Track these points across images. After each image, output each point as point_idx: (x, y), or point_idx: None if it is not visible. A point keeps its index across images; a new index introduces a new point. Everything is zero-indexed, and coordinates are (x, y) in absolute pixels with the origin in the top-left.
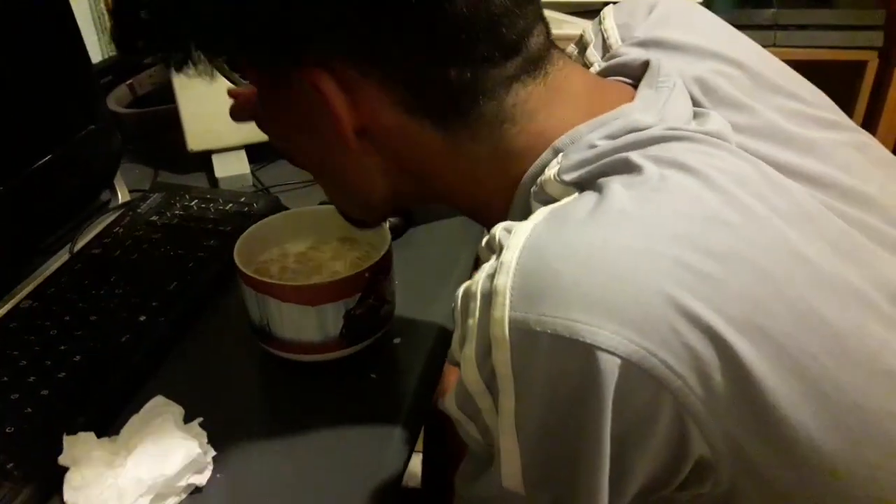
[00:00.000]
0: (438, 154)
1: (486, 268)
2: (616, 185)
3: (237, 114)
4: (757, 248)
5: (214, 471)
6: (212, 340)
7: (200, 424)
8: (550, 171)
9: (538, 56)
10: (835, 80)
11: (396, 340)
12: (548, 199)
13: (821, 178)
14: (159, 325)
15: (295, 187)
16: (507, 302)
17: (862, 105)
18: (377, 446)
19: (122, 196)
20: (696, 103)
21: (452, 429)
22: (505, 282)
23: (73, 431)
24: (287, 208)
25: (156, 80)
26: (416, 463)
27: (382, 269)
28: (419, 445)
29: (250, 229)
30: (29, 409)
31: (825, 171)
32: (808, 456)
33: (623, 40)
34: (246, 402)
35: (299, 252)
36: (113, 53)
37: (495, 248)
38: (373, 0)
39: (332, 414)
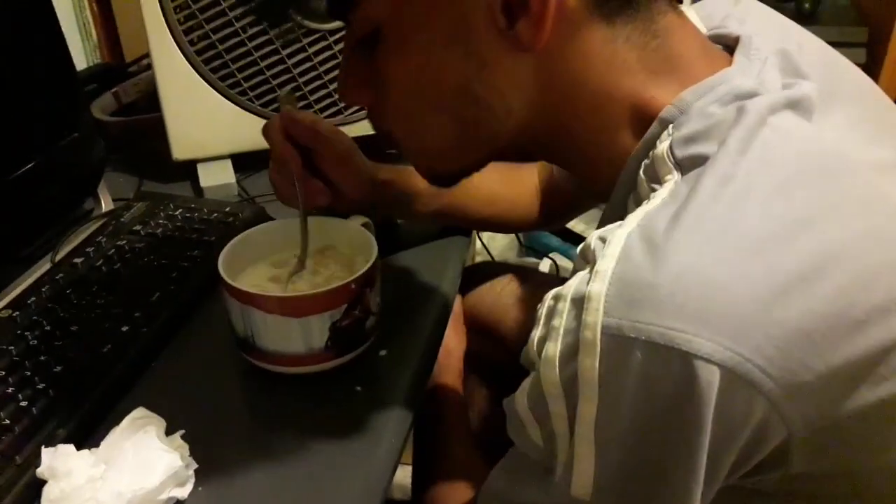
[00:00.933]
0: (592, 59)
1: (580, 275)
2: (702, 185)
3: (355, 91)
4: (843, 245)
5: (196, 484)
6: (195, 351)
7: (182, 437)
8: (663, 146)
9: None
10: None
11: (382, 353)
12: (654, 176)
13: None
14: (142, 336)
15: None
16: (602, 307)
17: None
18: (362, 459)
19: (106, 205)
20: (792, 68)
21: (438, 436)
22: (600, 288)
23: (52, 443)
24: (272, 218)
25: (141, 89)
26: (403, 475)
27: (369, 280)
28: (407, 458)
29: (234, 240)
30: (7, 420)
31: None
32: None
33: (709, 29)
34: (229, 415)
35: (284, 262)
36: (98, 61)
37: (590, 258)
38: None
39: (316, 426)
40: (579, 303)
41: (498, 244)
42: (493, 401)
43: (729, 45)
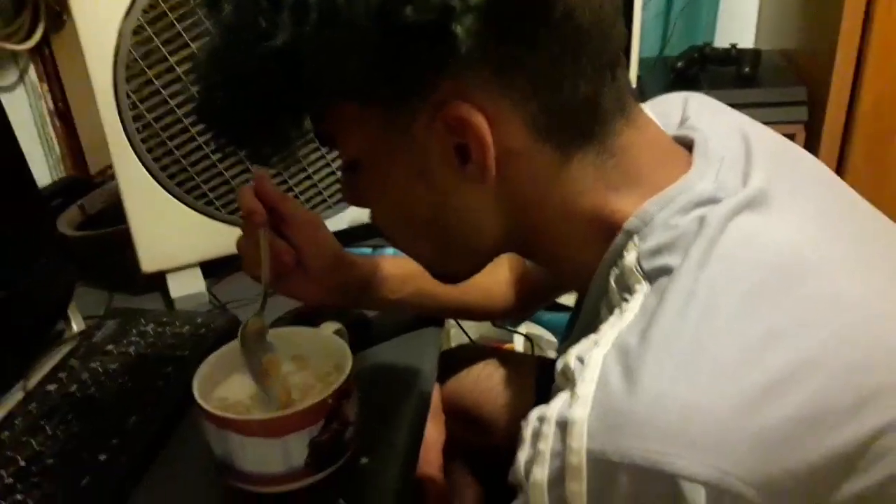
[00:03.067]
0: (548, 183)
1: (563, 397)
2: (670, 303)
3: (355, 201)
4: (811, 353)
5: None
6: (175, 475)
7: None
8: (630, 257)
9: (625, 89)
10: None
11: (364, 460)
12: (624, 285)
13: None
14: (120, 465)
15: (252, 301)
16: (585, 432)
17: None
18: None
19: (77, 325)
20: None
21: None
22: (583, 414)
23: None
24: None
25: (107, 199)
26: None
27: (345, 392)
28: None
29: (207, 360)
30: None
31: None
32: None
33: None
34: None
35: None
36: (63, 174)
37: (570, 378)
38: (510, 9)
39: None
40: (563, 426)
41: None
42: (480, 486)
43: (687, 144)
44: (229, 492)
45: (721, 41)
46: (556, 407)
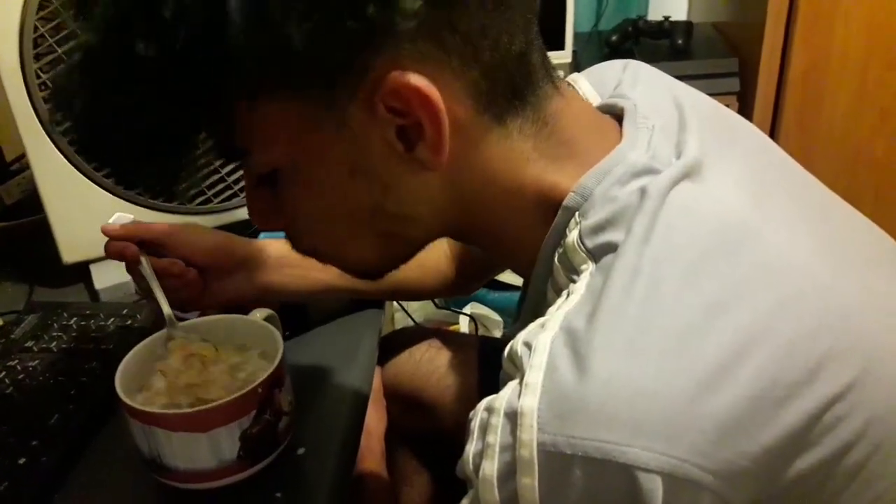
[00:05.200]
0: (491, 155)
1: (511, 386)
2: (613, 280)
3: (267, 219)
4: (756, 325)
5: None
6: (102, 475)
7: None
8: (573, 235)
9: (545, 54)
10: None
11: (300, 451)
12: (569, 265)
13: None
14: (41, 467)
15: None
16: (535, 423)
17: None
18: None
19: None
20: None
21: None
22: (532, 403)
23: None
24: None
25: (25, 188)
26: None
27: (277, 381)
28: None
29: (130, 354)
30: None
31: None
32: None
33: (601, 97)
34: None
35: (183, 367)
36: None
37: (518, 366)
38: None
39: None
40: (513, 417)
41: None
42: (429, 472)
43: (617, 114)
44: (160, 490)
45: (654, 14)
46: (504, 397)
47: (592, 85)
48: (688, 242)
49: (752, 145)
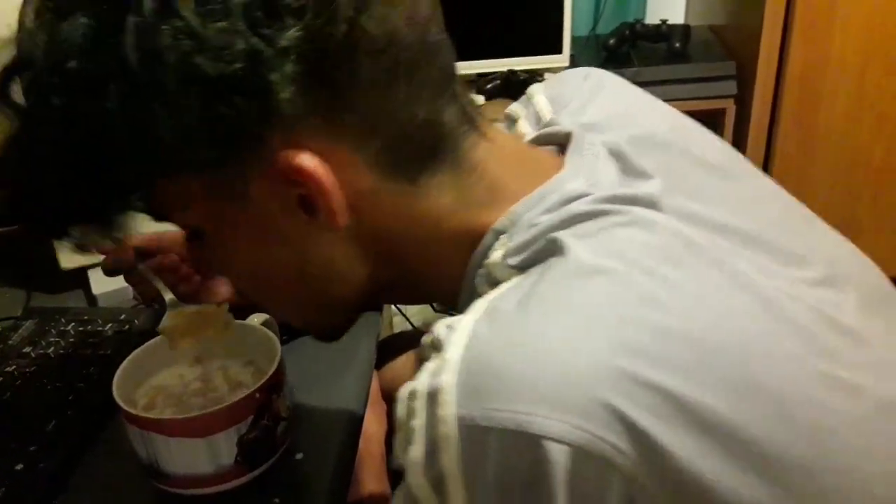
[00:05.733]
0: (407, 215)
1: (430, 366)
2: (549, 272)
3: (206, 271)
4: (689, 321)
5: None
6: (100, 481)
7: None
8: (496, 254)
9: (469, 106)
10: None
11: (298, 456)
12: (494, 282)
13: (726, 226)
14: (39, 474)
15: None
16: (454, 399)
17: None
18: None
19: None
20: (627, 166)
21: None
22: (450, 379)
23: None
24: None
25: None
26: None
27: (275, 386)
28: None
29: (127, 360)
30: None
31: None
32: None
33: (556, 113)
34: None
35: (183, 374)
36: None
37: (438, 347)
38: (329, 45)
39: None
40: (434, 396)
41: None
42: None
43: (562, 143)
44: (158, 496)
45: (652, 17)
46: (423, 378)
47: (550, 99)
48: (627, 248)
49: (718, 163)
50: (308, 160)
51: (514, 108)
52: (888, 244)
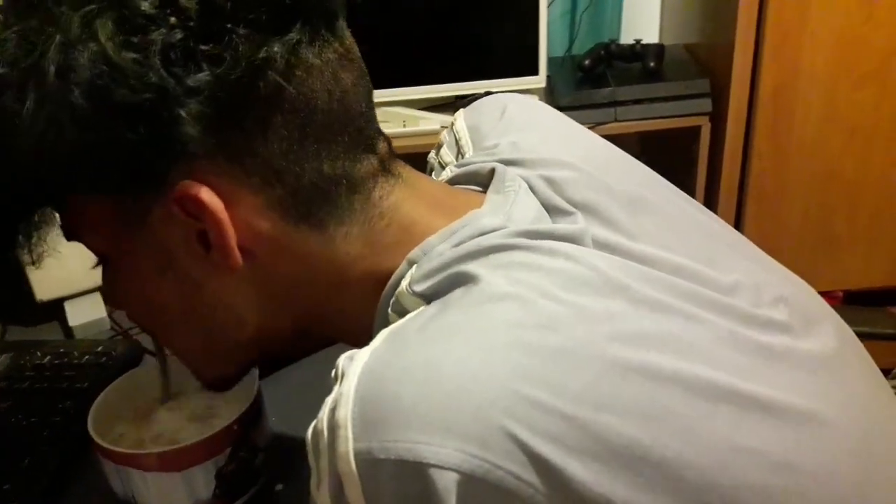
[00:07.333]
0: (312, 261)
1: (329, 400)
2: (454, 300)
3: (110, 299)
4: (589, 347)
5: None
6: None
7: None
8: (404, 283)
9: (389, 157)
10: (674, 146)
11: (279, 487)
12: (402, 311)
13: (652, 259)
14: None
15: None
16: (350, 434)
17: (702, 166)
18: None
19: None
20: (547, 203)
21: None
22: (345, 413)
23: None
24: (147, 351)
25: None
26: None
27: (253, 417)
28: None
29: (103, 394)
30: None
31: (655, 253)
32: None
33: (473, 143)
34: None
35: (158, 408)
36: None
37: (338, 378)
38: (243, 94)
39: None
40: (333, 432)
41: None
42: None
43: (484, 182)
44: None
45: (626, 37)
46: (323, 415)
47: (469, 128)
48: (527, 282)
49: (627, 189)
50: (205, 193)
51: (443, 133)
52: (866, 256)
